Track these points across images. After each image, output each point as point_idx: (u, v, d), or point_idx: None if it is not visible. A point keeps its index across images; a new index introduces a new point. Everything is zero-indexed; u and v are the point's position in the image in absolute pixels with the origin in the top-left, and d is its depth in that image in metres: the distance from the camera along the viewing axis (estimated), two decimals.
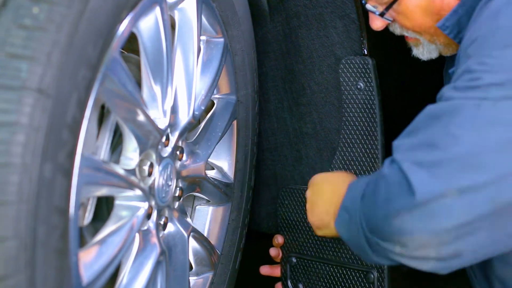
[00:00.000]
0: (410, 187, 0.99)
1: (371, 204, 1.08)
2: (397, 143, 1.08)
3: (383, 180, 1.06)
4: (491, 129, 0.98)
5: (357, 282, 1.53)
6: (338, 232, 1.21)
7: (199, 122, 1.50)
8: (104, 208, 1.23)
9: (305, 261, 1.62)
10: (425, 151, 1.01)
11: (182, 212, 1.40)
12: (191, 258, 1.48)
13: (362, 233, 1.10)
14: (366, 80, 1.48)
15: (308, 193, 1.37)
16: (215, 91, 1.50)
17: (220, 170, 1.56)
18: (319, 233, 1.35)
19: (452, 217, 0.97)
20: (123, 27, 1.05)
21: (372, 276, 1.50)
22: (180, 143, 1.35)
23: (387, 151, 1.38)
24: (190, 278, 1.48)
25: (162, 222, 1.32)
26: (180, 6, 1.31)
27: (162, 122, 1.23)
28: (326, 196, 1.30)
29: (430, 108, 1.07)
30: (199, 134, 1.46)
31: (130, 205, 1.18)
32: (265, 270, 1.67)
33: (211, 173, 1.55)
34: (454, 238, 0.99)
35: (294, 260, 1.64)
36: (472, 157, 0.98)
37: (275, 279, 1.71)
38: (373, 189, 1.08)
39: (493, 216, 0.98)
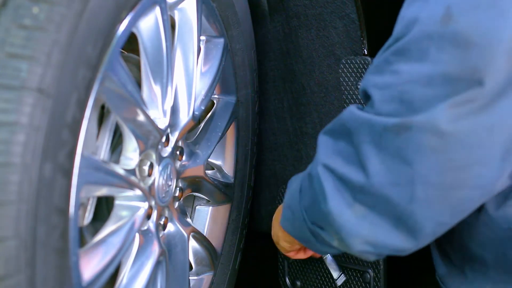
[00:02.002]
0: (325, 195, 1.03)
1: (307, 198, 1.11)
2: (321, 139, 1.08)
3: (310, 179, 1.09)
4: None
5: (354, 281, 1.54)
6: (285, 229, 1.24)
7: (199, 122, 1.50)
8: (104, 208, 1.23)
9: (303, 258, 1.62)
10: (340, 161, 1.02)
11: (182, 212, 1.40)
12: (191, 258, 1.48)
13: (305, 224, 1.13)
14: None
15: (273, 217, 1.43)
16: (215, 91, 1.50)
17: (220, 170, 1.56)
18: (280, 249, 1.41)
19: (355, 231, 1.01)
20: (123, 27, 1.05)
21: (369, 275, 1.51)
22: (180, 143, 1.35)
23: None
24: (190, 278, 1.48)
25: (162, 222, 1.32)
26: (180, 6, 1.31)
27: (162, 122, 1.23)
28: (277, 213, 1.36)
29: (347, 113, 1.04)
30: (199, 134, 1.46)
31: (130, 205, 1.19)
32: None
33: (211, 173, 1.55)
34: (362, 244, 1.03)
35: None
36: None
37: (275, 279, 1.71)
38: (307, 185, 1.11)
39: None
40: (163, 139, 1.26)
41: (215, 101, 1.52)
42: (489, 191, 0.98)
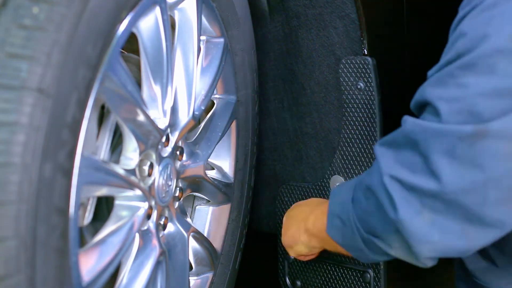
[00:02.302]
0: (394, 205, 1.05)
1: (364, 208, 1.13)
2: (381, 151, 1.11)
3: (370, 191, 1.11)
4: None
5: (354, 281, 1.54)
6: (332, 238, 1.25)
7: (199, 122, 1.50)
8: (104, 208, 1.23)
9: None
10: (406, 171, 1.05)
11: (182, 212, 1.40)
12: (191, 258, 1.48)
13: (358, 234, 1.15)
14: (366, 80, 1.48)
15: (284, 220, 1.47)
16: (215, 91, 1.50)
17: (220, 170, 1.56)
18: (291, 252, 1.44)
19: (426, 237, 1.04)
20: (123, 27, 1.05)
21: (369, 275, 1.51)
22: (180, 143, 1.35)
23: None
24: (190, 278, 1.48)
25: (162, 222, 1.32)
26: (180, 6, 1.31)
27: (162, 122, 1.23)
28: (297, 217, 1.38)
29: (411, 125, 1.07)
30: (199, 134, 1.46)
31: (130, 205, 1.19)
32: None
33: (211, 173, 1.55)
34: (434, 250, 1.06)
35: (292, 257, 1.64)
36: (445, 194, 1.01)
37: (275, 279, 1.71)
38: (362, 195, 1.14)
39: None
40: (163, 139, 1.26)
41: (215, 101, 1.52)
42: None
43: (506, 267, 1.21)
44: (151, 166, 1.23)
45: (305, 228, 1.34)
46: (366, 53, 1.49)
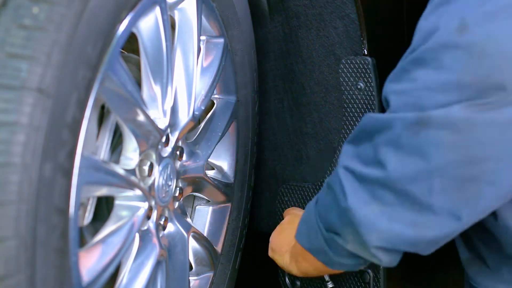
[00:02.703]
0: (345, 193, 1.07)
1: (324, 204, 1.16)
2: (345, 148, 1.13)
3: (328, 187, 1.15)
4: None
5: (353, 281, 1.54)
6: (299, 243, 1.27)
7: (199, 122, 1.50)
8: (104, 208, 1.23)
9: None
10: (359, 163, 1.07)
11: (182, 212, 1.40)
12: (191, 258, 1.48)
13: (320, 234, 1.17)
14: (366, 80, 1.48)
15: (285, 218, 1.47)
16: (215, 91, 1.50)
17: (220, 170, 1.56)
18: (270, 254, 1.44)
19: (374, 226, 1.05)
20: (123, 27, 1.05)
21: (368, 275, 1.51)
22: (180, 143, 1.35)
23: None
24: (190, 278, 1.48)
25: (162, 222, 1.32)
26: (180, 6, 1.31)
27: (162, 122, 1.23)
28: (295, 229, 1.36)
29: (365, 119, 1.09)
30: (199, 134, 1.46)
31: (130, 205, 1.19)
32: None
33: (211, 173, 1.55)
34: (381, 241, 1.06)
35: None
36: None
37: (275, 279, 1.71)
38: (324, 194, 1.17)
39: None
40: (163, 139, 1.26)
41: (215, 101, 1.52)
42: (505, 190, 1.01)
43: (497, 268, 1.21)
44: (151, 166, 1.22)
45: (290, 249, 1.35)
46: (366, 53, 1.49)
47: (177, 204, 1.38)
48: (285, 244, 1.38)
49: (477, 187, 0.99)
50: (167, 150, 1.29)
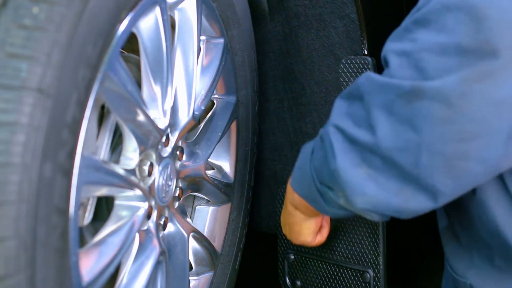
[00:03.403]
0: (334, 153, 1.06)
1: (318, 158, 1.14)
2: (337, 103, 1.11)
3: (322, 140, 1.12)
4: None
5: (354, 281, 1.54)
6: (294, 190, 1.25)
7: (199, 122, 1.50)
8: (104, 208, 1.23)
9: (303, 258, 1.62)
10: (350, 123, 1.05)
11: (182, 212, 1.40)
12: (191, 258, 1.48)
13: (314, 185, 1.15)
14: None
15: (281, 219, 1.43)
16: (215, 91, 1.50)
17: (220, 170, 1.56)
18: (307, 238, 1.39)
19: (360, 189, 1.04)
20: (123, 27, 1.05)
21: (368, 275, 1.51)
22: (180, 143, 1.35)
23: None
24: (190, 278, 1.48)
25: (162, 222, 1.32)
26: (180, 6, 1.31)
27: (162, 122, 1.23)
28: (288, 213, 1.36)
29: (363, 78, 1.07)
30: (199, 134, 1.46)
31: (130, 205, 1.19)
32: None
33: (211, 173, 1.55)
34: (369, 205, 1.06)
35: (292, 257, 1.64)
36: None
37: (275, 279, 1.71)
38: (318, 146, 1.14)
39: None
40: (163, 139, 1.26)
41: (215, 101, 1.52)
42: (493, 167, 1.00)
43: (468, 248, 1.19)
44: (151, 166, 1.23)
45: (292, 207, 1.33)
46: (366, 53, 1.49)
47: (177, 204, 1.38)
48: (293, 221, 1.37)
49: (466, 165, 0.98)
50: (167, 150, 1.29)
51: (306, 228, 1.37)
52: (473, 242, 1.18)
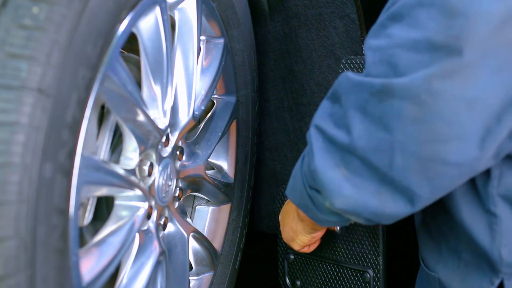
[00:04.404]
0: (313, 153, 1.06)
1: (305, 162, 1.13)
2: (323, 103, 1.10)
3: (307, 138, 1.12)
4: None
5: (353, 281, 1.54)
6: (288, 197, 1.25)
7: (199, 122, 1.50)
8: (104, 208, 1.23)
9: (303, 258, 1.62)
10: (331, 123, 1.05)
11: (182, 212, 1.40)
12: (191, 258, 1.48)
13: (305, 190, 1.14)
14: None
15: (280, 217, 1.44)
16: (215, 91, 1.50)
17: (220, 170, 1.56)
18: (295, 246, 1.42)
19: (338, 190, 1.03)
20: (123, 27, 1.05)
21: (368, 275, 1.51)
22: (180, 143, 1.35)
23: None
24: (190, 278, 1.48)
25: (162, 222, 1.32)
26: (180, 6, 1.31)
27: (162, 122, 1.23)
28: (290, 209, 1.36)
29: (341, 78, 1.06)
30: (199, 134, 1.46)
31: (130, 205, 1.19)
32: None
33: (211, 173, 1.55)
34: (348, 206, 1.04)
35: (292, 257, 1.64)
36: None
37: (275, 279, 1.71)
38: (307, 148, 1.13)
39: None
40: (163, 139, 1.26)
41: (215, 101, 1.52)
42: (469, 170, 0.98)
43: (438, 239, 1.19)
44: (151, 166, 1.23)
45: (297, 216, 1.34)
46: None
47: (177, 204, 1.38)
48: (293, 225, 1.37)
49: (441, 169, 0.96)
50: (167, 150, 1.29)
51: (301, 240, 1.38)
52: (442, 235, 1.17)
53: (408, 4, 0.97)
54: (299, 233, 1.37)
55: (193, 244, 1.47)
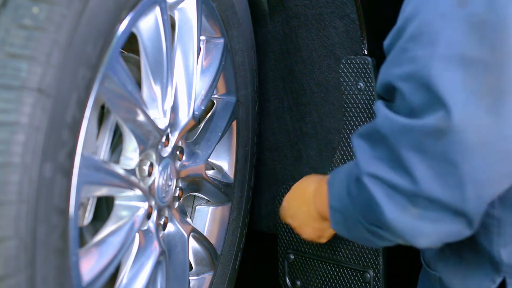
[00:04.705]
0: (378, 205, 1.00)
1: (361, 203, 1.08)
2: (357, 144, 1.06)
3: (358, 186, 1.05)
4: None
5: (354, 281, 1.54)
6: (338, 233, 1.21)
7: (199, 122, 1.50)
8: (104, 208, 1.23)
9: (303, 258, 1.62)
10: (383, 168, 1.00)
11: (182, 212, 1.40)
12: (191, 258, 1.48)
13: (362, 226, 1.10)
14: (366, 80, 1.48)
15: (289, 222, 1.41)
16: (215, 91, 1.50)
17: (220, 170, 1.56)
18: (323, 240, 1.39)
19: (417, 232, 0.99)
20: (123, 27, 1.05)
21: (368, 275, 1.51)
22: (180, 143, 1.35)
23: None
24: (190, 278, 1.48)
25: (162, 222, 1.32)
26: (180, 6, 1.31)
27: (162, 122, 1.23)
28: (305, 214, 1.32)
29: (381, 118, 1.02)
30: (199, 134, 1.46)
31: (130, 205, 1.19)
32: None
33: (211, 173, 1.55)
34: (430, 242, 1.01)
35: (292, 257, 1.64)
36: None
37: (275, 279, 1.71)
38: (355, 190, 1.08)
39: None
40: (163, 139, 1.26)
41: (215, 101, 1.52)
42: None
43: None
44: (151, 166, 1.22)
45: (319, 216, 1.30)
46: (366, 53, 1.49)
47: (177, 204, 1.38)
48: (308, 218, 1.34)
49: (507, 183, 0.94)
50: (167, 150, 1.29)
51: (330, 233, 1.36)
52: None
53: (428, 21, 0.93)
54: (326, 229, 1.34)
55: (193, 244, 1.47)
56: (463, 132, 0.91)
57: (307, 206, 1.33)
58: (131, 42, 1.19)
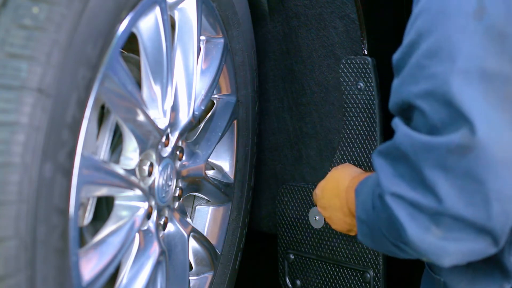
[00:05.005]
0: (401, 225, 0.98)
1: (385, 218, 1.06)
2: (379, 163, 1.04)
3: (382, 203, 1.03)
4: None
5: (354, 281, 1.54)
6: (365, 244, 1.20)
7: (199, 122, 1.50)
8: (104, 208, 1.23)
9: (303, 258, 1.62)
10: (405, 186, 0.98)
11: (182, 212, 1.40)
12: (191, 258, 1.48)
13: (388, 240, 1.08)
14: (366, 80, 1.48)
15: (320, 211, 1.39)
16: (215, 91, 1.50)
17: (220, 170, 1.56)
18: (352, 233, 1.37)
19: (442, 251, 0.98)
20: (123, 27, 1.05)
21: (368, 275, 1.51)
22: (180, 143, 1.35)
23: None
24: (190, 278, 1.48)
25: (162, 222, 1.32)
26: (180, 6, 1.31)
27: (162, 122, 1.23)
28: (335, 204, 1.32)
29: (401, 137, 1.00)
30: (199, 134, 1.46)
31: (130, 205, 1.19)
32: None
33: (211, 173, 1.55)
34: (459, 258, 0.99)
35: (292, 256, 1.64)
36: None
37: (275, 279, 1.71)
38: (379, 206, 1.06)
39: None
40: (163, 139, 1.26)
41: (215, 101, 1.52)
42: None
43: None
44: (151, 166, 1.22)
45: (349, 212, 1.28)
46: (366, 53, 1.49)
47: (177, 204, 1.38)
48: (343, 219, 1.32)
49: None
50: (167, 150, 1.29)
51: (351, 231, 1.36)
52: None
53: (446, 36, 0.91)
54: (342, 218, 1.33)
55: (193, 244, 1.47)
56: (488, 148, 0.89)
57: (339, 200, 1.31)
58: (131, 42, 1.19)
